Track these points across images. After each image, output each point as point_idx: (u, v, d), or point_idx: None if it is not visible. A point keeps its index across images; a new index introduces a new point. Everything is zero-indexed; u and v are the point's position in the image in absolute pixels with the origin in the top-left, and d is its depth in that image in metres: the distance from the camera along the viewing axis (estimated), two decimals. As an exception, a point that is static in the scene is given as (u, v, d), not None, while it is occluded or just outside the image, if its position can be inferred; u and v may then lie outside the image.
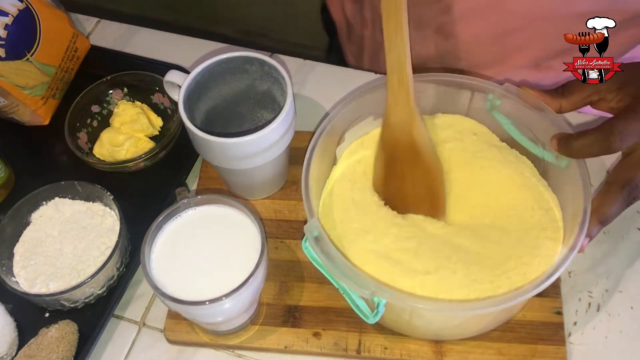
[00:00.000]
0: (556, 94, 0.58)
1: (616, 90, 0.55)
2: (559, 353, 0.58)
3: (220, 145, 0.59)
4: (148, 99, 0.75)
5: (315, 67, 0.81)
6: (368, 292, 0.51)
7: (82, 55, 0.80)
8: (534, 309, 0.60)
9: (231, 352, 0.61)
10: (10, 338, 0.60)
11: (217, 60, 0.63)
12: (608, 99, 0.56)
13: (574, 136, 0.54)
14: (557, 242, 0.56)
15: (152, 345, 0.62)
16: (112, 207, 0.64)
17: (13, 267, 0.62)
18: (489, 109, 0.62)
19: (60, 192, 0.65)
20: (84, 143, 0.72)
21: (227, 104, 0.67)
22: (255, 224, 0.56)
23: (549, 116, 0.57)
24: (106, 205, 0.65)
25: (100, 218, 0.65)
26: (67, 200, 0.66)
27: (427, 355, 0.59)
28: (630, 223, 0.66)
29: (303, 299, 0.62)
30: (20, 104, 0.72)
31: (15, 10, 0.70)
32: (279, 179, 0.69)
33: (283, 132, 0.61)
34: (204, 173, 0.71)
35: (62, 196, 0.66)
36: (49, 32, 0.73)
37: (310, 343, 0.60)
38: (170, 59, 0.80)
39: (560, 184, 0.59)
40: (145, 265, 0.54)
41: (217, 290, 0.52)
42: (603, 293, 0.63)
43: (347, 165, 0.64)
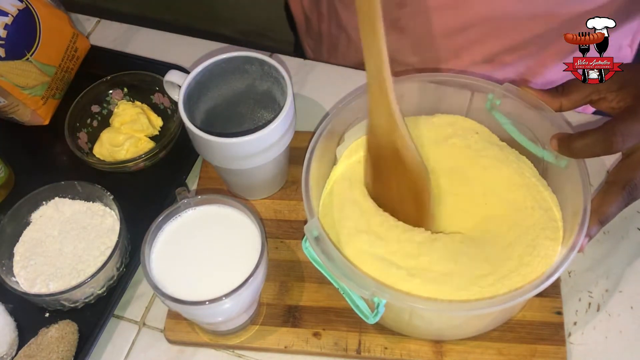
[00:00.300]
0: (556, 92, 0.58)
1: (617, 90, 0.55)
2: (559, 353, 0.58)
3: (220, 145, 0.59)
4: (148, 99, 0.75)
5: (315, 67, 0.81)
6: (368, 293, 0.51)
7: (82, 55, 0.80)
8: (534, 309, 0.60)
9: (231, 352, 0.61)
10: (10, 338, 0.60)
11: (217, 60, 0.63)
12: (608, 99, 0.56)
13: (575, 136, 0.54)
14: (556, 242, 0.56)
15: (152, 345, 0.62)
16: (112, 207, 0.64)
17: (13, 267, 0.62)
18: (489, 109, 0.62)
19: (60, 192, 0.65)
20: (84, 143, 0.72)
21: (227, 104, 0.67)
22: (255, 224, 0.56)
23: (549, 116, 0.57)
24: (106, 205, 0.65)
25: (100, 218, 0.65)
26: (67, 200, 0.66)
27: (427, 355, 0.59)
28: (630, 223, 0.66)
29: (303, 299, 0.62)
30: (20, 104, 0.72)
31: (15, 10, 0.70)
32: (279, 179, 0.69)
33: (283, 132, 0.61)
34: (204, 173, 0.71)
35: (62, 196, 0.66)
36: (49, 32, 0.73)
37: (310, 343, 0.60)
38: (170, 59, 0.80)
39: (559, 183, 0.59)
40: (145, 265, 0.54)
41: (217, 290, 0.52)
42: (603, 293, 0.63)
43: (347, 165, 0.64)
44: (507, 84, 0.60)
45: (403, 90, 0.64)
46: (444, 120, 0.65)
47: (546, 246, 0.56)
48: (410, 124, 0.66)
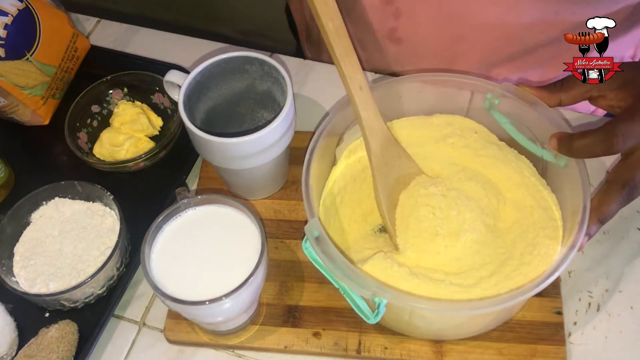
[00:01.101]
0: (555, 88, 0.58)
1: (617, 89, 0.56)
2: (559, 353, 0.58)
3: (220, 145, 0.59)
4: (148, 99, 0.75)
5: (315, 67, 0.81)
6: (369, 293, 0.51)
7: (82, 55, 0.80)
8: (534, 308, 0.60)
9: (231, 352, 0.61)
10: (10, 338, 0.60)
11: (217, 60, 0.63)
12: (608, 97, 0.56)
13: (575, 136, 0.54)
14: (556, 241, 0.56)
15: (152, 345, 0.62)
16: (112, 207, 0.64)
17: (13, 267, 0.62)
18: (488, 108, 0.62)
19: (60, 192, 0.65)
20: (84, 143, 0.72)
21: (227, 104, 0.67)
22: (255, 224, 0.56)
23: (548, 115, 0.57)
24: (106, 205, 0.65)
25: (100, 218, 0.65)
26: (67, 200, 0.66)
27: (427, 355, 0.59)
28: (630, 223, 0.66)
29: (303, 299, 0.62)
30: (20, 104, 0.72)
31: (15, 10, 0.70)
32: (279, 179, 0.69)
33: (283, 132, 0.61)
34: (204, 173, 0.71)
35: (62, 196, 0.66)
36: (48, 32, 0.73)
37: (310, 343, 0.60)
38: (170, 59, 0.80)
39: (559, 183, 0.59)
40: (145, 265, 0.54)
41: (217, 290, 0.52)
42: (603, 293, 0.63)
43: (346, 165, 0.64)
44: (505, 84, 0.60)
45: (402, 90, 0.64)
46: (443, 119, 0.66)
47: (546, 245, 0.56)
48: (409, 123, 0.66)
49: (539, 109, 0.58)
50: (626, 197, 0.55)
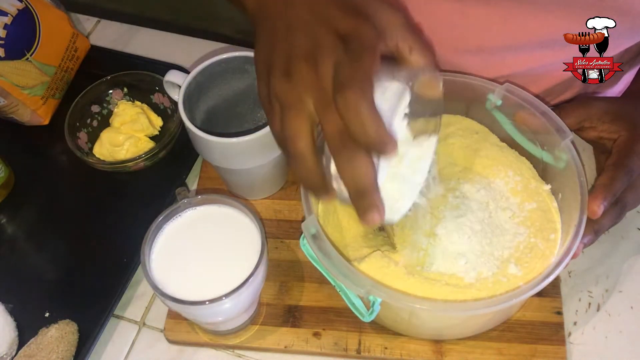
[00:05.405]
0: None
1: (609, 122, 0.57)
2: (559, 353, 0.58)
3: (220, 145, 0.59)
4: (148, 98, 0.75)
5: (315, 67, 0.80)
6: (364, 291, 0.51)
7: (82, 55, 0.80)
8: (533, 308, 0.60)
9: (231, 352, 0.61)
10: (10, 338, 0.60)
11: (217, 60, 0.63)
12: (599, 129, 0.58)
13: (597, 221, 0.55)
14: (554, 244, 0.56)
15: (152, 345, 0.62)
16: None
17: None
18: (489, 109, 0.62)
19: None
20: (84, 143, 0.72)
21: (227, 104, 0.67)
22: (255, 224, 0.56)
23: (548, 116, 0.57)
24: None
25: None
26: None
27: (427, 355, 0.59)
28: (630, 223, 0.66)
29: (303, 299, 0.62)
30: (20, 104, 0.72)
31: (15, 10, 0.70)
32: (279, 179, 0.69)
33: (283, 132, 0.60)
34: (204, 173, 0.71)
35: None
36: (48, 31, 0.73)
37: (310, 343, 0.60)
38: (170, 59, 0.80)
39: (558, 184, 0.59)
40: (145, 265, 0.54)
41: (217, 290, 0.52)
42: (603, 293, 0.63)
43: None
44: (507, 84, 0.60)
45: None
46: (444, 119, 0.65)
47: (545, 247, 0.56)
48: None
49: (540, 111, 0.58)
50: (618, 214, 0.57)
